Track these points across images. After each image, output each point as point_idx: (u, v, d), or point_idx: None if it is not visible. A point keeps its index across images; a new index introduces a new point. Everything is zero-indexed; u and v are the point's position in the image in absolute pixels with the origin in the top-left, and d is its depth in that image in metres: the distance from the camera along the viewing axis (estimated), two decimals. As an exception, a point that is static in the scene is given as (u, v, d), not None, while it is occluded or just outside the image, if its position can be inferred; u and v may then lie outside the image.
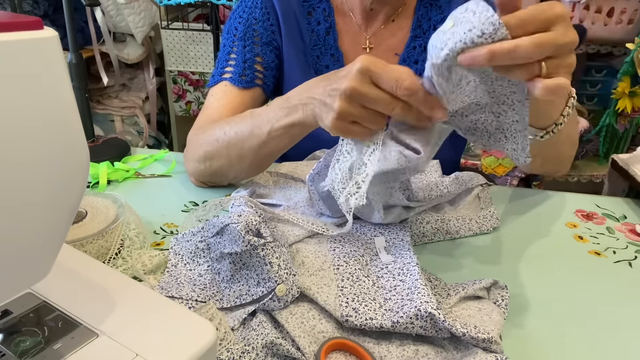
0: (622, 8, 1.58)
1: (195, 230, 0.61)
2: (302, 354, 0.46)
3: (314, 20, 0.88)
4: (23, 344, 0.38)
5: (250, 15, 0.87)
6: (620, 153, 0.95)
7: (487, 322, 0.49)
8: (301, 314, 0.51)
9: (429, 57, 0.49)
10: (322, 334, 0.49)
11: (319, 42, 0.88)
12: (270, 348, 0.47)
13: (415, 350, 0.48)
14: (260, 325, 0.49)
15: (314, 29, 0.88)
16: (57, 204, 0.34)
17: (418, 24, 0.88)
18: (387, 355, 0.48)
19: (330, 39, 0.88)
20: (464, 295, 0.54)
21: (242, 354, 0.46)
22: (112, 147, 0.90)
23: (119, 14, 1.95)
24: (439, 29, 0.48)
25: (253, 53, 0.86)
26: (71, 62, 0.83)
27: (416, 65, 0.88)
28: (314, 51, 0.88)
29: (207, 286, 0.55)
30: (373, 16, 0.89)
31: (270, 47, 0.87)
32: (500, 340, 0.48)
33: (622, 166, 0.84)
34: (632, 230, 0.73)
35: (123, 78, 2.19)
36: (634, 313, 0.57)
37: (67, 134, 0.33)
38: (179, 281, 0.56)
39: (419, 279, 0.53)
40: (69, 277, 0.45)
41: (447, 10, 0.87)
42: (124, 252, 0.60)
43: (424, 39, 0.88)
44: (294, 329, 0.49)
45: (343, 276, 0.55)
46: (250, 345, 0.46)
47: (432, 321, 0.48)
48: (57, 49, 0.32)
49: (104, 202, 0.64)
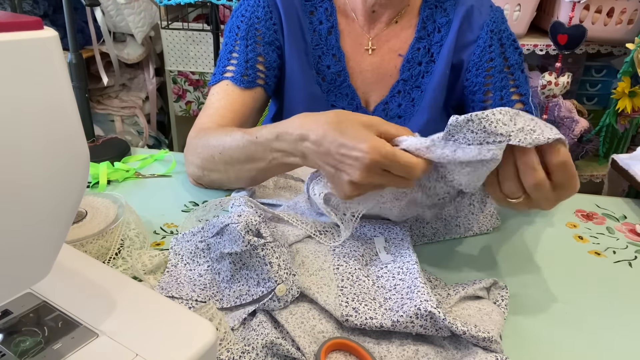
0: (622, 8, 1.58)
1: (195, 230, 0.61)
2: (302, 354, 0.46)
3: (316, 20, 0.88)
4: (23, 344, 0.38)
5: (252, 14, 0.87)
6: (620, 153, 0.95)
7: (487, 322, 0.49)
8: (301, 314, 0.51)
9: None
10: (322, 334, 0.49)
11: (320, 42, 0.88)
12: (270, 348, 0.47)
13: (415, 350, 0.48)
14: (260, 325, 0.49)
15: (315, 28, 0.88)
16: (57, 204, 0.34)
17: (423, 25, 0.88)
18: (387, 355, 0.48)
19: (332, 38, 0.88)
20: (464, 295, 0.54)
21: (242, 354, 0.46)
22: (112, 147, 0.90)
23: (119, 14, 1.95)
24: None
25: (255, 53, 0.85)
26: (71, 62, 0.83)
27: (419, 67, 0.88)
28: (315, 51, 0.88)
29: (207, 286, 0.55)
30: (375, 18, 0.88)
31: (273, 47, 0.87)
32: (500, 339, 0.48)
33: (622, 166, 0.84)
34: (632, 230, 0.73)
35: (123, 78, 2.19)
36: (634, 313, 0.57)
37: (67, 134, 0.33)
38: (179, 281, 0.55)
39: (418, 277, 0.53)
40: (69, 277, 0.45)
41: (452, 13, 0.87)
42: (124, 252, 0.60)
43: (428, 41, 0.88)
44: (294, 329, 0.49)
45: (343, 276, 0.55)
46: (250, 345, 0.46)
47: (432, 320, 0.48)
48: (57, 49, 0.32)
49: (104, 202, 0.64)
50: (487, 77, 0.86)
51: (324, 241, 0.62)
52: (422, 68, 0.88)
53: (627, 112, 1.58)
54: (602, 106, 1.88)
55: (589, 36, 1.57)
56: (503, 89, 0.87)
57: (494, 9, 0.88)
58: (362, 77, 0.89)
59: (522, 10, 1.64)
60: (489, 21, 0.86)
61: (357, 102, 0.90)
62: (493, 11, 0.88)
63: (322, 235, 0.63)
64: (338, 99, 0.90)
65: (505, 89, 0.87)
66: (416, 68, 0.88)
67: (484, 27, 0.86)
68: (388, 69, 0.89)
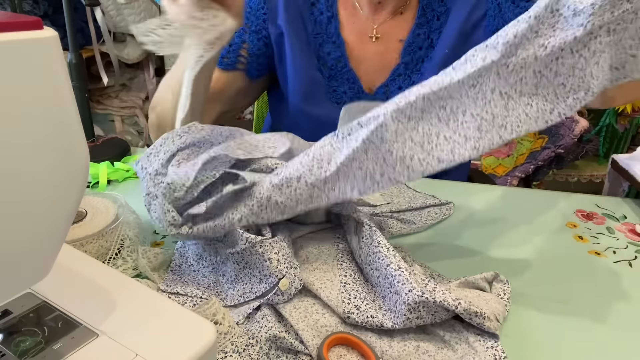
0: (622, 8, 1.58)
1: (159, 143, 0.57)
2: (305, 347, 0.47)
3: (317, 11, 0.91)
4: (23, 344, 0.38)
5: (247, 3, 0.90)
6: (620, 153, 0.94)
7: (482, 303, 0.49)
8: (305, 308, 0.52)
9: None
10: (325, 328, 0.50)
11: (321, 31, 0.91)
12: (274, 341, 0.47)
13: (416, 346, 0.48)
14: (264, 318, 0.49)
15: (316, 18, 0.91)
16: (57, 204, 0.34)
17: (423, 12, 0.91)
18: (389, 350, 0.48)
19: (331, 27, 0.91)
20: (463, 282, 0.54)
21: (246, 347, 0.47)
22: (112, 147, 0.90)
23: (119, 14, 1.95)
24: None
25: (240, 39, 0.89)
26: (71, 62, 0.83)
27: (420, 51, 0.90)
28: (316, 39, 0.91)
29: (211, 286, 0.55)
30: (380, 9, 0.91)
31: (259, 36, 0.90)
32: (496, 321, 0.48)
33: (622, 166, 0.84)
34: (632, 230, 0.73)
35: (123, 78, 2.19)
36: (634, 313, 0.57)
37: (67, 134, 0.33)
38: (183, 280, 0.56)
39: (389, 264, 0.51)
40: (69, 277, 0.45)
41: (450, 2, 0.89)
42: (124, 252, 0.60)
43: (428, 27, 0.90)
44: (298, 323, 0.49)
45: (346, 272, 0.55)
46: (254, 338, 0.47)
47: (424, 308, 0.48)
48: (57, 49, 0.32)
49: (104, 202, 0.64)
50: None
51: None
52: (422, 53, 0.91)
53: (627, 112, 1.58)
54: (602, 106, 1.88)
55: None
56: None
57: None
58: (366, 64, 0.92)
59: (522, 10, 1.64)
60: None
61: (359, 86, 0.92)
62: None
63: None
64: (339, 84, 0.92)
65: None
66: (417, 52, 0.90)
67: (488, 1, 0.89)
68: (391, 56, 0.91)
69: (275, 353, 0.47)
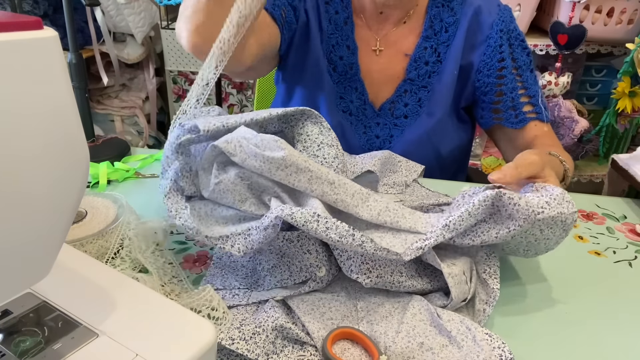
0: (622, 8, 1.58)
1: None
2: (310, 338, 0.49)
3: (332, 9, 0.88)
4: (23, 344, 0.38)
5: None
6: (620, 153, 0.94)
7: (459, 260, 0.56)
8: (312, 301, 0.53)
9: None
10: (331, 321, 0.51)
11: (336, 31, 0.88)
12: (280, 331, 0.48)
13: (420, 343, 0.49)
14: (272, 309, 0.51)
15: (331, 17, 0.88)
16: (57, 204, 0.34)
17: (430, 24, 0.87)
18: (392, 346, 0.49)
19: (347, 29, 0.88)
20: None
21: (253, 335, 0.47)
22: (112, 147, 0.89)
23: (119, 14, 1.95)
24: None
25: (282, 1, 0.84)
26: (71, 62, 0.83)
27: (426, 66, 0.87)
28: (330, 39, 0.88)
29: (249, 275, 0.57)
30: (383, 19, 0.88)
31: (293, 8, 0.85)
32: (463, 275, 0.54)
33: (622, 166, 0.84)
34: (632, 230, 0.73)
35: (123, 78, 2.19)
36: (634, 313, 0.57)
37: (67, 134, 0.33)
38: (224, 273, 0.58)
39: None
40: (69, 277, 0.45)
41: (460, 13, 0.86)
42: (124, 252, 0.60)
43: (435, 40, 0.87)
44: (305, 315, 0.51)
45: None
46: (261, 327, 0.48)
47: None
48: (57, 49, 0.32)
49: (104, 202, 0.64)
50: (499, 77, 0.86)
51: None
52: (429, 68, 0.88)
53: (627, 112, 1.58)
54: (602, 106, 1.88)
55: (589, 36, 1.57)
56: (513, 91, 0.86)
57: (502, 8, 0.87)
58: (371, 76, 0.89)
59: (522, 10, 1.63)
60: (498, 20, 0.85)
61: (366, 97, 0.90)
62: (501, 10, 0.87)
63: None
64: (347, 92, 0.90)
65: (515, 91, 0.86)
66: (423, 68, 0.88)
67: (494, 26, 0.85)
68: (396, 70, 0.89)
69: (281, 342, 0.48)
